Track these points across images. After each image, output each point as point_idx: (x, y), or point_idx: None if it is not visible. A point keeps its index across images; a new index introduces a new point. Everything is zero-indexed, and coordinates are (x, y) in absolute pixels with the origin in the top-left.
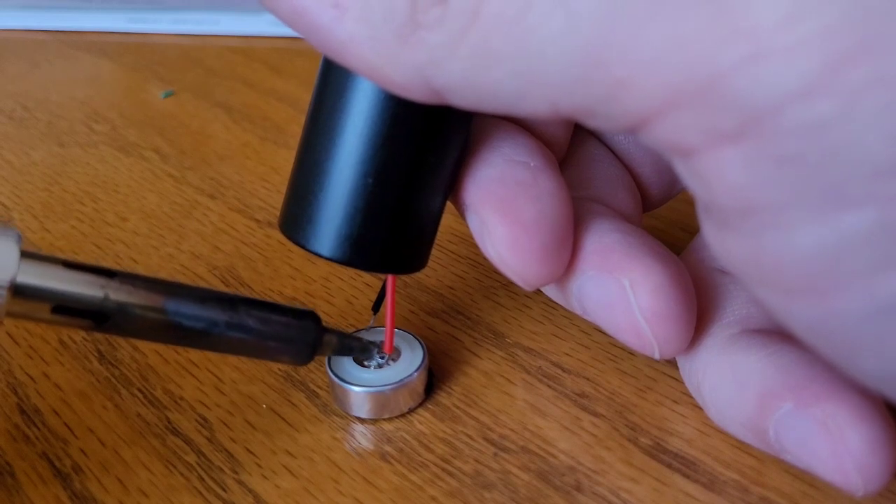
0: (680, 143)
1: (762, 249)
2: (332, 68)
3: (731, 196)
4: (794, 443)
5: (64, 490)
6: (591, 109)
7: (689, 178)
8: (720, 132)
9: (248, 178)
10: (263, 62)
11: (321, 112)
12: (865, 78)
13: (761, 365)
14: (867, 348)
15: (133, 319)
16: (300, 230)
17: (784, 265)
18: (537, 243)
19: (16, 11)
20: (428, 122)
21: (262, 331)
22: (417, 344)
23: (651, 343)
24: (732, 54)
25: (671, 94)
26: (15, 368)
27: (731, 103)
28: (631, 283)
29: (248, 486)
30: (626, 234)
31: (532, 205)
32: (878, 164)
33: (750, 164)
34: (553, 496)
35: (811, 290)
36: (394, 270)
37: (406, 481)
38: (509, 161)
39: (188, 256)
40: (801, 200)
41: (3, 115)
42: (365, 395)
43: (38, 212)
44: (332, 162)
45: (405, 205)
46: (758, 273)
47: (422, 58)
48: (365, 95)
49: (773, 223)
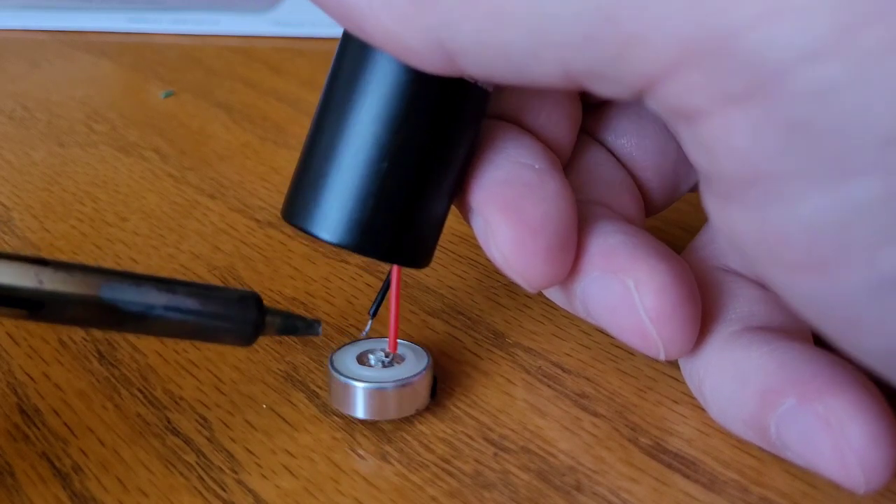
0: (687, 107)
1: (765, 222)
2: (349, 52)
3: (735, 164)
4: (796, 439)
5: (64, 490)
6: (601, 71)
7: (693, 147)
8: (728, 94)
9: (248, 178)
10: (263, 62)
11: (336, 95)
12: (878, 43)
13: (763, 361)
14: (868, 325)
15: (68, 305)
16: (307, 216)
17: (787, 238)
18: (542, 245)
19: (16, 11)
20: (445, 107)
21: (202, 311)
22: (422, 351)
23: (656, 344)
24: (746, 11)
25: (681, 52)
26: (15, 368)
27: (741, 63)
28: (636, 284)
29: (248, 486)
30: (629, 235)
31: (537, 206)
32: (887, 133)
33: (757, 129)
34: (553, 496)
35: (814, 265)
36: (401, 261)
37: (406, 481)
38: (515, 163)
39: (188, 256)
40: (807, 169)
41: (3, 115)
42: (366, 391)
43: (38, 212)
44: (345, 145)
45: (418, 193)
46: (760, 248)
47: (436, 20)
48: (384, 76)
49: (778, 194)
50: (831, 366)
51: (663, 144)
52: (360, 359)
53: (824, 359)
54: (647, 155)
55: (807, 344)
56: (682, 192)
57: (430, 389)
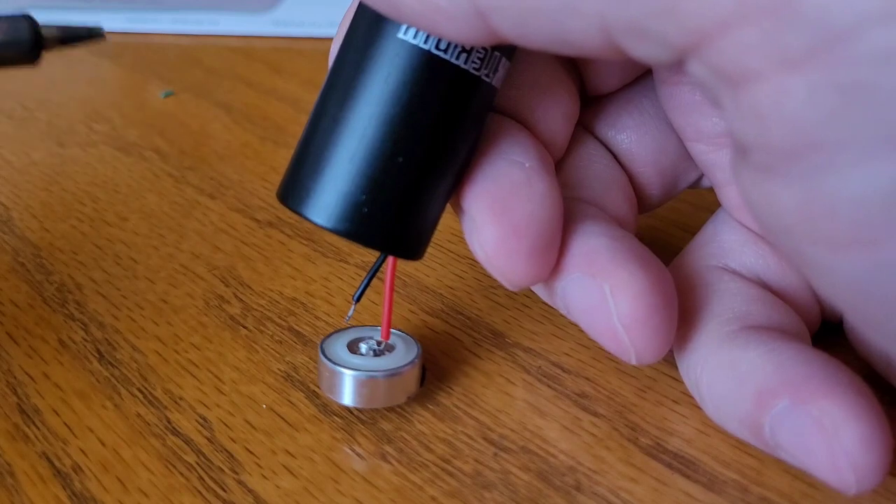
0: (737, 69)
1: (812, 195)
2: (360, 33)
3: (786, 132)
4: (789, 439)
5: (64, 490)
6: (645, 27)
7: (738, 115)
8: (787, 55)
9: (248, 178)
10: (263, 62)
11: (344, 78)
12: None
13: (760, 361)
14: None
15: None
16: (303, 199)
17: (835, 212)
18: (525, 245)
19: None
20: (456, 97)
21: None
22: (412, 340)
23: (628, 349)
24: None
25: (739, 6)
26: (15, 368)
27: (804, 21)
28: (611, 289)
29: (248, 486)
30: (613, 238)
31: (523, 206)
32: None
33: (814, 94)
34: (553, 496)
35: (861, 240)
36: (396, 252)
37: (406, 481)
38: (505, 160)
39: (188, 256)
40: (863, 137)
41: (3, 115)
42: (355, 378)
43: (38, 212)
44: (350, 128)
45: (420, 181)
46: (802, 224)
47: None
48: (398, 60)
49: (829, 164)
50: (827, 367)
51: (663, 140)
52: (350, 347)
53: (820, 360)
54: (646, 151)
55: (804, 345)
56: (679, 188)
57: (419, 379)
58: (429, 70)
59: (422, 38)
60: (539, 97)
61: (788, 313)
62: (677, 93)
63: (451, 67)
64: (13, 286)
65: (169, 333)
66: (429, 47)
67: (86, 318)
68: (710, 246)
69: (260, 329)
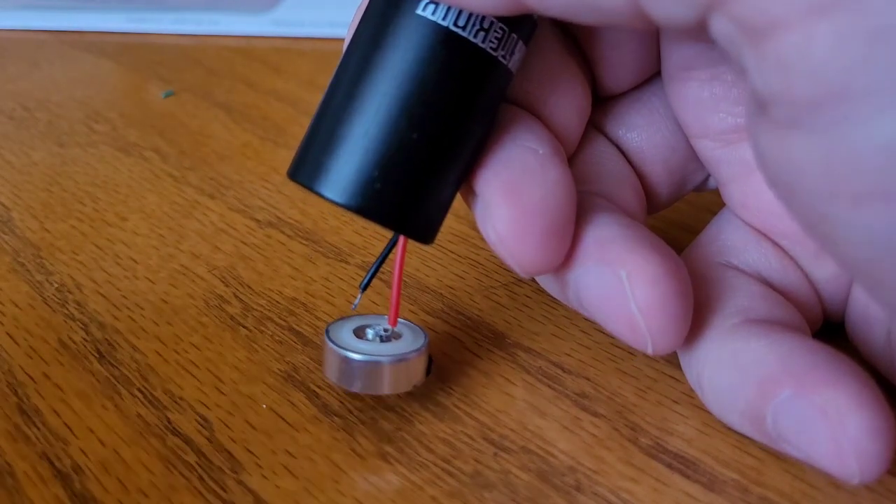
0: (762, 19)
1: (835, 148)
2: (376, 12)
3: (811, 83)
4: (793, 429)
5: (64, 490)
6: None
7: (761, 68)
8: (813, 3)
9: (248, 178)
10: (263, 62)
11: (359, 53)
12: None
13: (762, 352)
14: None
15: None
16: (314, 174)
17: (858, 164)
18: (538, 228)
19: (16, 11)
20: (474, 78)
21: None
22: (419, 330)
23: (645, 336)
24: None
25: None
26: (15, 368)
27: None
28: (628, 275)
29: (248, 486)
30: (626, 227)
31: (537, 190)
32: None
33: (841, 40)
34: (553, 496)
35: (885, 193)
36: (409, 232)
37: (406, 481)
38: (519, 146)
39: (188, 256)
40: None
41: (3, 115)
42: (360, 362)
43: (38, 212)
44: (365, 104)
45: (434, 159)
46: (823, 180)
47: None
48: (418, 37)
49: (854, 113)
50: (830, 358)
51: (673, 140)
52: (357, 332)
53: (823, 351)
54: (656, 150)
55: (806, 336)
56: (687, 189)
57: (425, 369)
58: (447, 47)
59: (441, 14)
60: (553, 91)
61: (791, 310)
62: (685, 89)
63: (469, 45)
64: (13, 286)
65: (169, 333)
66: (447, 24)
67: (86, 318)
68: (714, 244)
69: (260, 329)
